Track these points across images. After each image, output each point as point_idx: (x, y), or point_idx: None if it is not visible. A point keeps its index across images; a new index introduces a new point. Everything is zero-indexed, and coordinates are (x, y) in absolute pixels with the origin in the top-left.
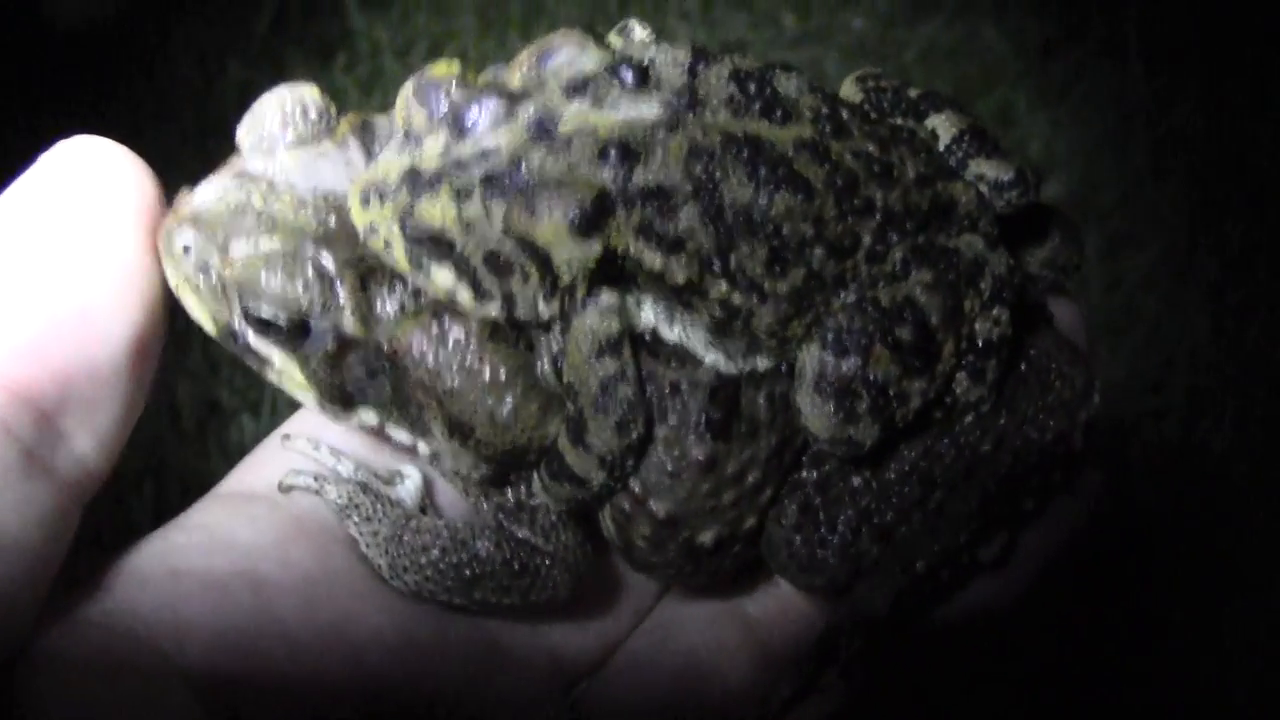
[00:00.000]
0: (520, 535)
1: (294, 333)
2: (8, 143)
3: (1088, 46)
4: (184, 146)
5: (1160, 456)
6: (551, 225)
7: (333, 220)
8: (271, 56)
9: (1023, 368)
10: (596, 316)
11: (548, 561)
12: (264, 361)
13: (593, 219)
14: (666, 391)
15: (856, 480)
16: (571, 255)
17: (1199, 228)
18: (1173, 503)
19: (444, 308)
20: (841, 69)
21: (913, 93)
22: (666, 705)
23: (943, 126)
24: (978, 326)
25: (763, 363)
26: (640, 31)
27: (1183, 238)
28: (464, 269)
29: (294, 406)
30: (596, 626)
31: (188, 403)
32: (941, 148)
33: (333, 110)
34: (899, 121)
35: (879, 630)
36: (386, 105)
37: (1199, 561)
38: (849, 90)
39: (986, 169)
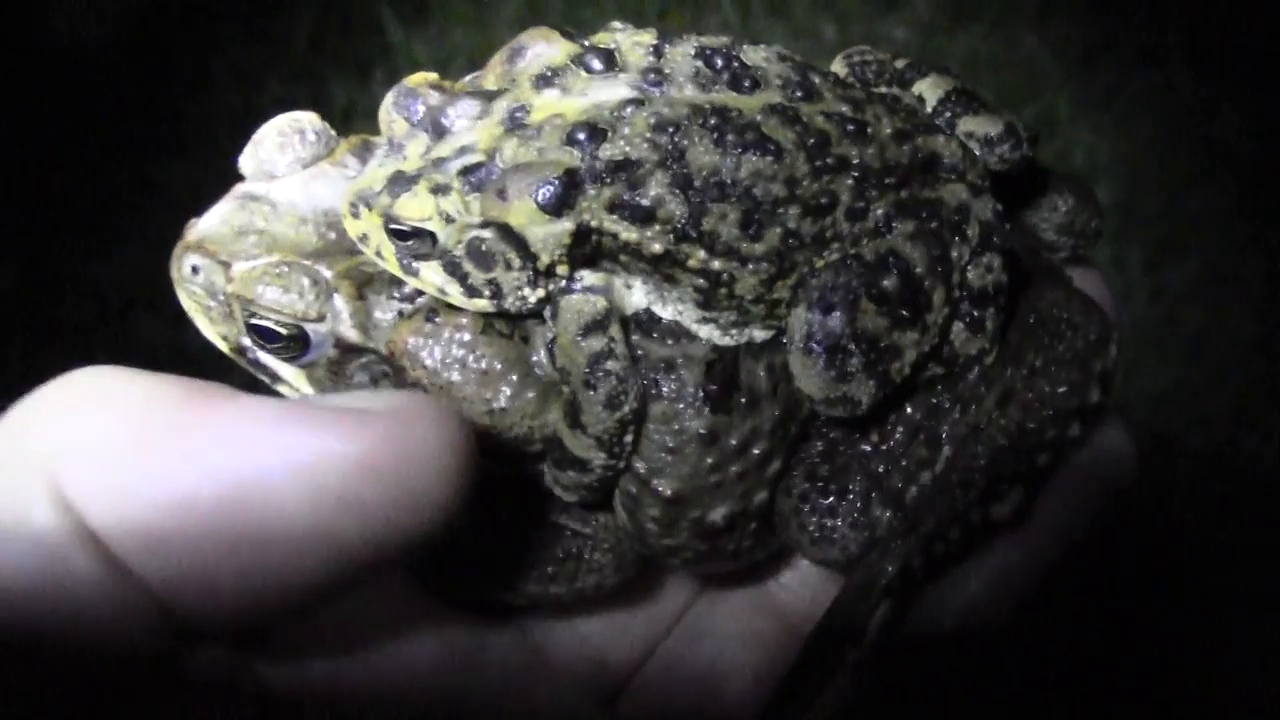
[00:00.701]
0: (558, 521)
1: (295, 342)
2: (56, 165)
3: (1130, 54)
4: (225, 164)
5: (1204, 467)
6: (522, 207)
7: (332, 235)
8: (310, 74)
9: (1031, 319)
10: (581, 298)
11: (589, 545)
12: (274, 375)
13: (561, 196)
14: (662, 368)
15: (864, 446)
16: (546, 234)
17: (1244, 236)
18: (1217, 514)
19: (437, 307)
20: None
21: (899, 63)
22: (702, 703)
23: (928, 90)
24: (970, 275)
25: (759, 333)
26: (623, 29)
27: (1227, 246)
28: (450, 265)
29: None
30: (636, 630)
31: None
32: (929, 111)
33: (331, 133)
34: (883, 89)
35: (889, 595)
36: None
37: (1242, 572)
38: (837, 67)
39: (974, 125)
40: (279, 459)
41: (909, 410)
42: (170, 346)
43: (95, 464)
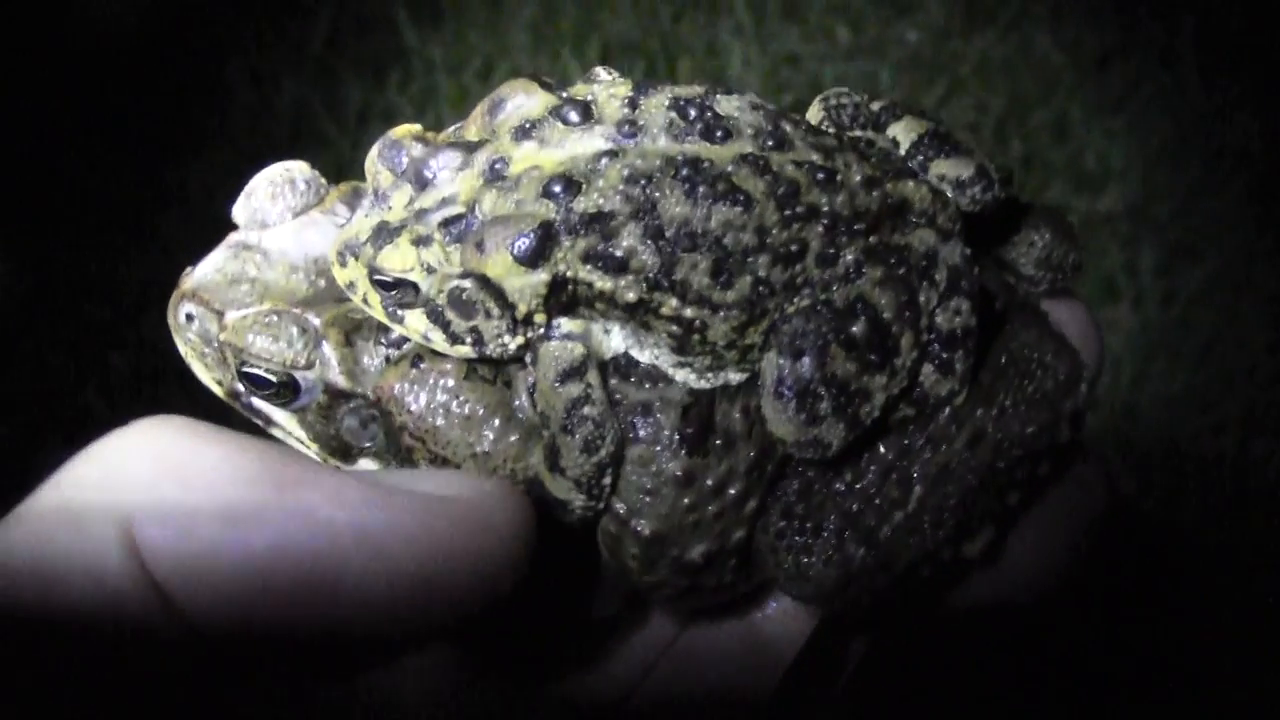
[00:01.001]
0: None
1: (285, 389)
2: (72, 167)
3: (1143, 58)
4: (242, 166)
5: (1216, 473)
6: (500, 259)
7: (322, 282)
8: (326, 76)
9: (1002, 360)
10: (559, 344)
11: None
12: (268, 419)
13: (536, 249)
14: (639, 411)
15: (839, 485)
16: (523, 285)
17: (1257, 240)
18: (1228, 520)
19: (423, 353)
20: (895, 82)
21: (875, 105)
22: None
23: (902, 133)
24: (939, 319)
25: (734, 376)
26: (606, 77)
27: (1241, 250)
28: (433, 313)
29: None
30: (626, 660)
31: (242, 423)
32: (903, 153)
33: (322, 181)
34: (858, 133)
35: (861, 631)
36: (440, 123)
37: (1253, 578)
38: (814, 113)
39: (946, 168)
40: (360, 543)
41: (882, 450)
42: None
43: (174, 532)
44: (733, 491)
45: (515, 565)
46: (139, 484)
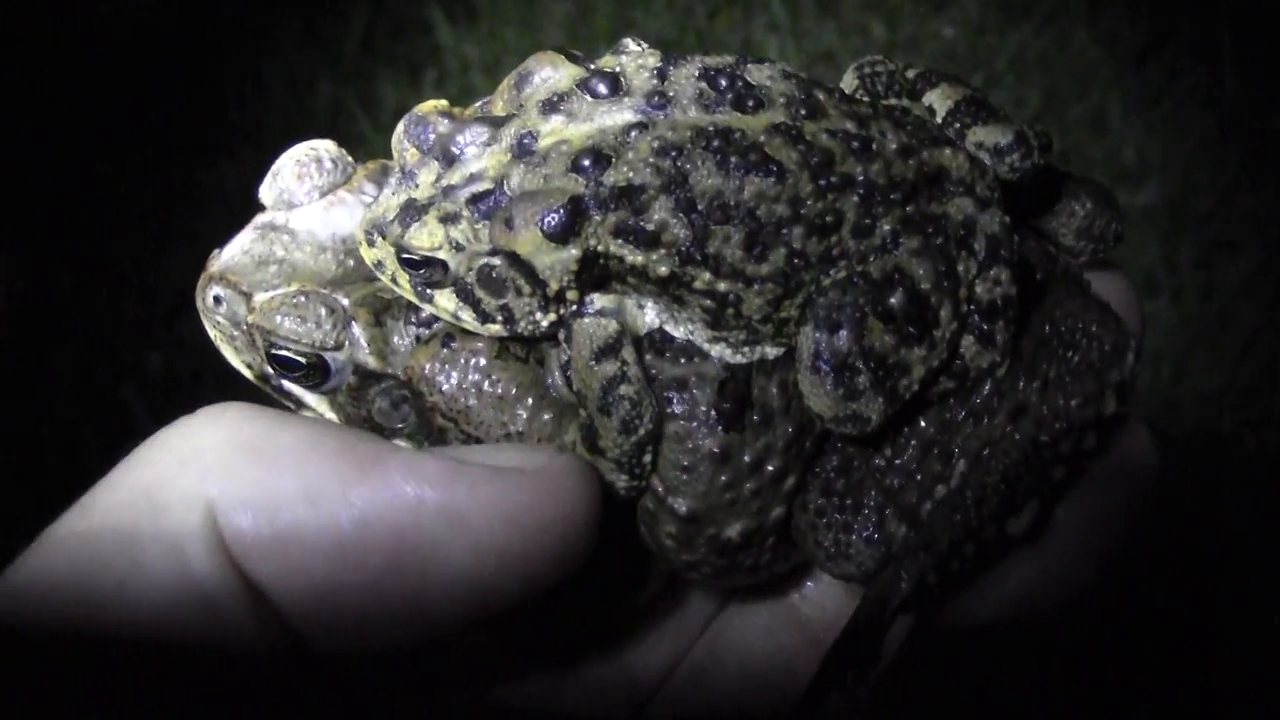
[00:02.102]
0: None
1: (315, 370)
2: (109, 169)
3: (1181, 51)
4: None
5: (1258, 466)
6: (529, 236)
7: (350, 262)
8: (361, 76)
9: (1045, 330)
10: (593, 321)
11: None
12: (298, 402)
13: (567, 225)
14: (675, 387)
15: (879, 461)
16: (553, 262)
17: None
18: (1270, 515)
19: (454, 333)
20: None
21: (910, 73)
22: (726, 714)
23: (938, 100)
24: (978, 289)
25: (771, 350)
26: (634, 48)
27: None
28: (463, 291)
29: None
30: (664, 643)
31: None
32: (939, 121)
33: (349, 160)
34: (893, 101)
35: (904, 611)
36: None
37: None
38: (848, 81)
39: (984, 135)
40: (445, 516)
41: (923, 425)
42: (218, 350)
43: (259, 515)
44: (771, 468)
45: (588, 536)
46: (217, 469)
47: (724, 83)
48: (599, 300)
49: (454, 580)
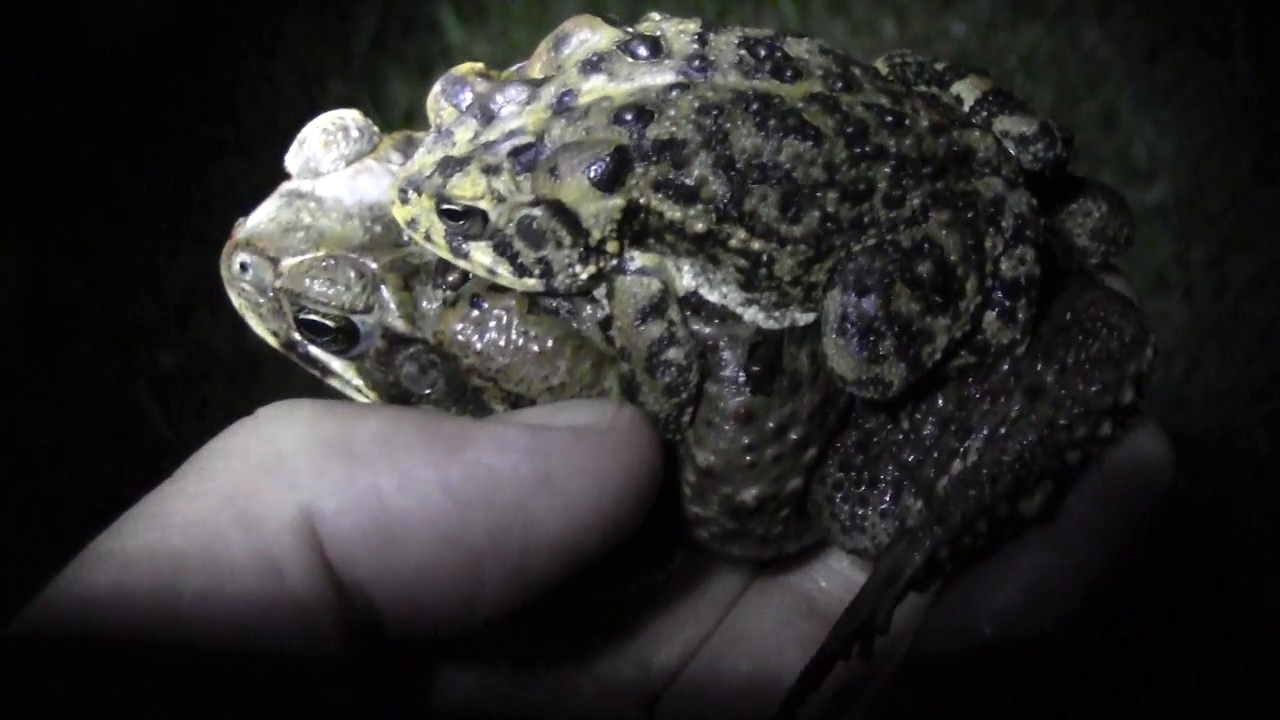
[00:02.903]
0: None
1: (343, 334)
2: (121, 169)
3: (1192, 48)
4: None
5: (1271, 464)
6: (575, 183)
7: (378, 229)
8: (372, 75)
9: (1067, 317)
10: (635, 280)
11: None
12: (325, 368)
13: (613, 172)
14: (708, 346)
15: (897, 436)
16: (598, 210)
17: None
18: None
19: (481, 292)
20: None
21: (938, 65)
22: (741, 705)
23: (966, 90)
24: (1003, 266)
25: (801, 316)
26: (658, 18)
27: None
28: (501, 245)
29: None
30: (678, 634)
31: None
32: (966, 110)
33: (374, 129)
34: (922, 89)
35: (915, 587)
36: None
37: None
38: (878, 67)
39: (1010, 125)
40: (543, 486)
41: (941, 402)
42: (232, 346)
43: (359, 518)
44: (794, 436)
45: (655, 488)
46: (308, 473)
47: (763, 51)
48: (640, 258)
49: (550, 548)
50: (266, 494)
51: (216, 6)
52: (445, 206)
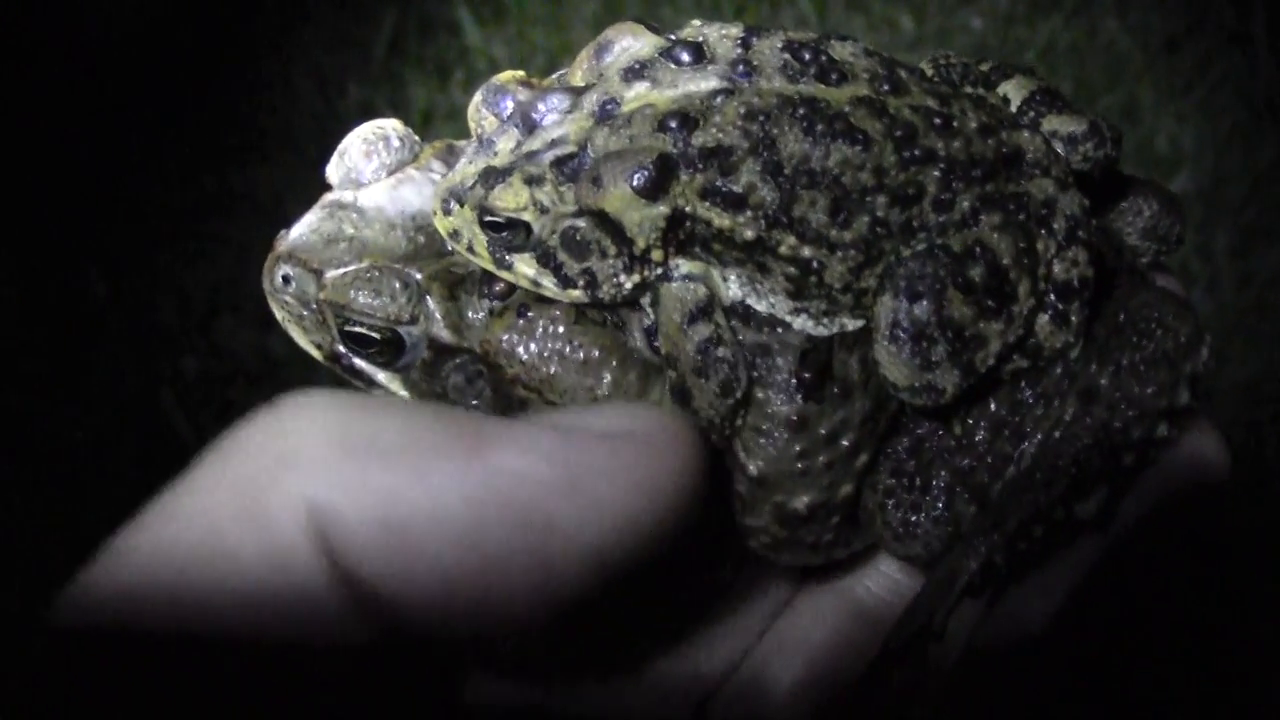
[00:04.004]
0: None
1: (389, 346)
2: (142, 174)
3: (1213, 39)
4: (309, 169)
5: None
6: (618, 192)
7: (421, 239)
8: (390, 78)
9: (1120, 318)
10: (681, 286)
11: None
12: (370, 380)
13: (656, 180)
14: (758, 352)
15: (949, 441)
16: (642, 219)
17: None
18: None
19: (528, 302)
20: None
21: (984, 66)
22: (790, 710)
23: (1013, 90)
24: (1056, 268)
25: (851, 323)
26: (698, 23)
27: None
28: (544, 256)
29: None
30: (728, 638)
31: None
32: (1014, 110)
33: (415, 139)
34: (968, 90)
35: (970, 593)
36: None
37: None
38: (923, 68)
39: (1058, 124)
40: (572, 494)
41: (994, 406)
42: (255, 350)
43: (370, 517)
44: (845, 443)
45: (701, 495)
46: (321, 469)
47: (808, 55)
48: (685, 265)
49: (580, 558)
50: (278, 492)
51: (235, 11)
52: (488, 218)
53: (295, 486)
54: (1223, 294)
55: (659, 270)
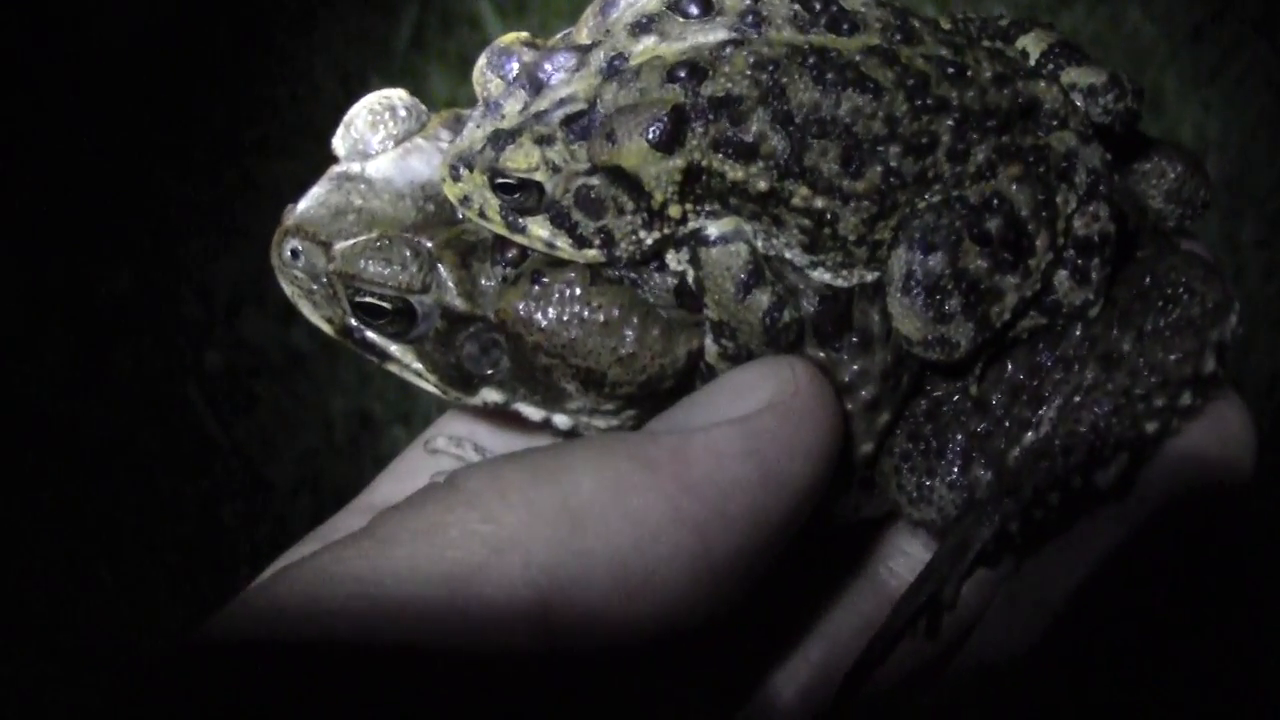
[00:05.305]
0: None
1: (401, 316)
2: (166, 170)
3: (1238, 27)
4: (330, 163)
5: None
6: (634, 146)
7: (430, 208)
8: (412, 71)
9: (1146, 281)
10: (722, 250)
11: None
12: (383, 354)
13: (672, 132)
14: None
15: (966, 404)
16: (659, 172)
17: None
18: None
19: (541, 268)
20: None
21: (1003, 21)
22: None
23: (1032, 44)
24: (1076, 223)
25: (870, 275)
26: None
27: None
28: (558, 217)
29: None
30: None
31: (340, 416)
32: (1032, 64)
33: (422, 108)
34: (986, 43)
35: (984, 561)
36: None
37: None
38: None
39: (1078, 76)
40: (765, 480)
41: (1011, 369)
42: (278, 343)
43: (578, 594)
44: (864, 394)
45: (844, 430)
46: (542, 554)
47: (818, 5)
48: (715, 226)
49: (775, 536)
50: (499, 581)
51: (258, 5)
52: (499, 181)
53: (519, 577)
54: (1249, 284)
55: (680, 227)
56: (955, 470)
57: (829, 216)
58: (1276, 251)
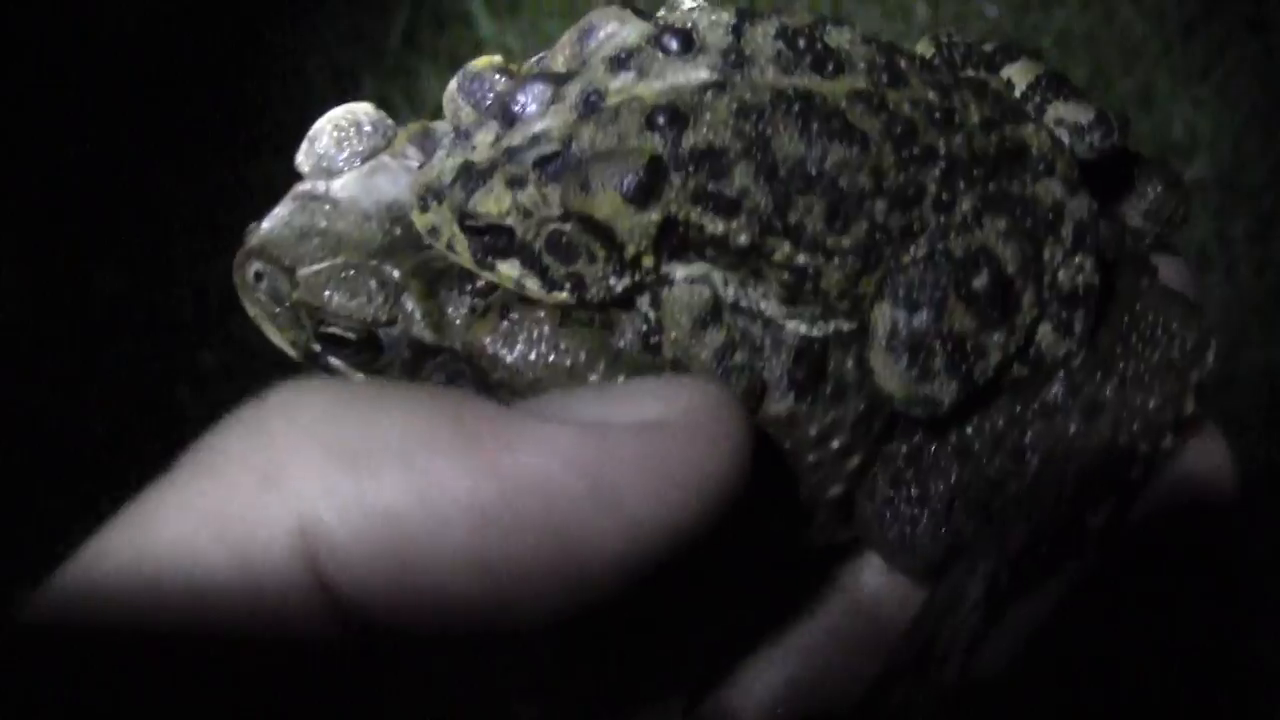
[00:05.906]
0: None
1: (365, 346)
2: (158, 170)
3: (1230, 24)
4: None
5: None
6: (607, 199)
7: (397, 230)
8: (405, 70)
9: (1125, 320)
10: (684, 290)
11: None
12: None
13: (648, 186)
14: (752, 348)
15: (948, 450)
16: (633, 225)
17: None
18: None
19: (512, 302)
20: None
21: (987, 46)
22: (787, 709)
23: (1018, 75)
24: (1060, 276)
25: (847, 325)
26: (690, 3)
27: None
28: (528, 258)
29: None
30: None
31: None
32: (1018, 96)
33: (389, 122)
34: (971, 73)
35: (980, 619)
36: None
37: None
38: (924, 48)
39: (1065, 112)
40: (595, 499)
41: (993, 419)
42: (272, 344)
43: (364, 539)
44: (835, 444)
45: (745, 482)
46: (309, 488)
47: (802, 43)
48: (683, 269)
49: (604, 567)
50: (261, 518)
51: (249, 4)
52: (469, 223)
53: (283, 513)
54: (1241, 280)
55: (651, 275)
56: (938, 520)
57: (812, 272)
58: (1268, 247)
